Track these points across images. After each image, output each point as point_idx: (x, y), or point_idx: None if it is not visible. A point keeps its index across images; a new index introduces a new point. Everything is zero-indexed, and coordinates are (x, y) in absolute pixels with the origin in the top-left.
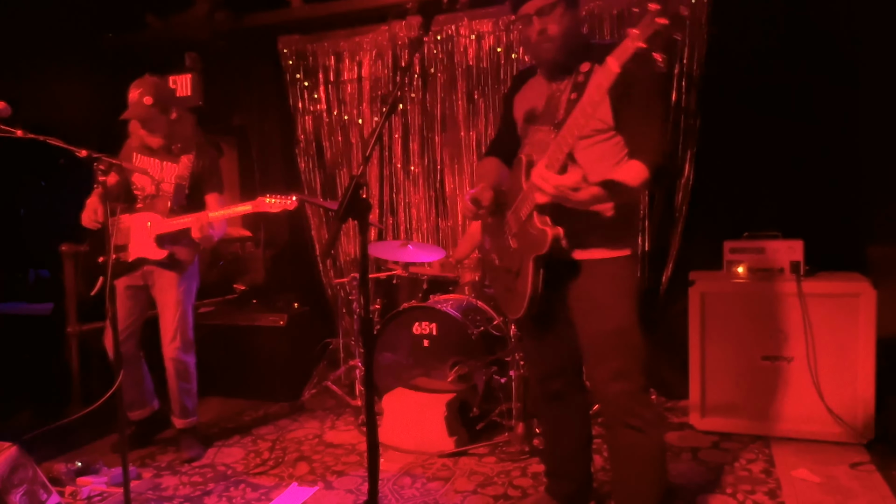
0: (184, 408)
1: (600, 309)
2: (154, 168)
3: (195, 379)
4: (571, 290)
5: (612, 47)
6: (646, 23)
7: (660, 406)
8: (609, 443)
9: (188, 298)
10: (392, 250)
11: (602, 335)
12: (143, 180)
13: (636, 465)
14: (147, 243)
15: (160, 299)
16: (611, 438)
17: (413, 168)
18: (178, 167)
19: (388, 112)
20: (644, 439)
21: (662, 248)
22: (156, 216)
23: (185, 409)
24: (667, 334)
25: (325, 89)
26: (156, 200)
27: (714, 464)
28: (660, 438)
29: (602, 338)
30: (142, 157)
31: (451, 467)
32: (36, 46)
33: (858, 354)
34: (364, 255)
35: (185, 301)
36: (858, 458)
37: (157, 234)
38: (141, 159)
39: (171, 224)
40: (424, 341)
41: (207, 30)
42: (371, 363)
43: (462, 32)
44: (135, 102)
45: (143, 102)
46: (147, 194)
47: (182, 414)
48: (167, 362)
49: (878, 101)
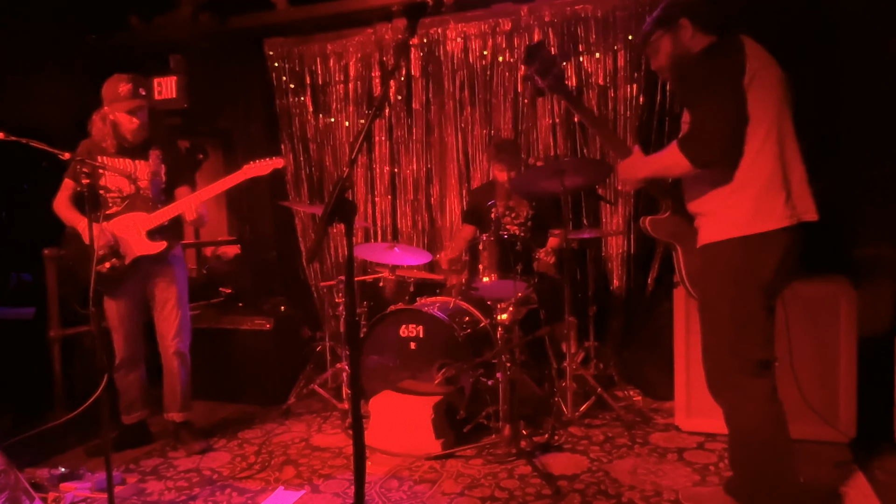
0: (185, 401)
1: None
2: (128, 167)
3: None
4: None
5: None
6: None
7: (645, 407)
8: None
9: (187, 290)
10: (378, 253)
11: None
12: (119, 182)
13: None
14: (140, 242)
15: (161, 296)
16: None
17: (399, 170)
18: (149, 164)
19: (373, 114)
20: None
21: (648, 250)
22: (140, 215)
23: (186, 401)
24: (652, 335)
25: (311, 92)
26: (135, 199)
27: (700, 464)
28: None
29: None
30: (111, 159)
31: (438, 470)
32: (18, 48)
33: (840, 355)
34: (350, 258)
35: (185, 294)
36: (841, 457)
37: (147, 230)
38: (111, 162)
39: (160, 216)
40: (411, 344)
41: (192, 32)
42: (357, 366)
43: (449, 35)
44: (131, 93)
45: (139, 93)
46: (126, 195)
47: (184, 407)
48: (171, 357)
49: (862, 103)
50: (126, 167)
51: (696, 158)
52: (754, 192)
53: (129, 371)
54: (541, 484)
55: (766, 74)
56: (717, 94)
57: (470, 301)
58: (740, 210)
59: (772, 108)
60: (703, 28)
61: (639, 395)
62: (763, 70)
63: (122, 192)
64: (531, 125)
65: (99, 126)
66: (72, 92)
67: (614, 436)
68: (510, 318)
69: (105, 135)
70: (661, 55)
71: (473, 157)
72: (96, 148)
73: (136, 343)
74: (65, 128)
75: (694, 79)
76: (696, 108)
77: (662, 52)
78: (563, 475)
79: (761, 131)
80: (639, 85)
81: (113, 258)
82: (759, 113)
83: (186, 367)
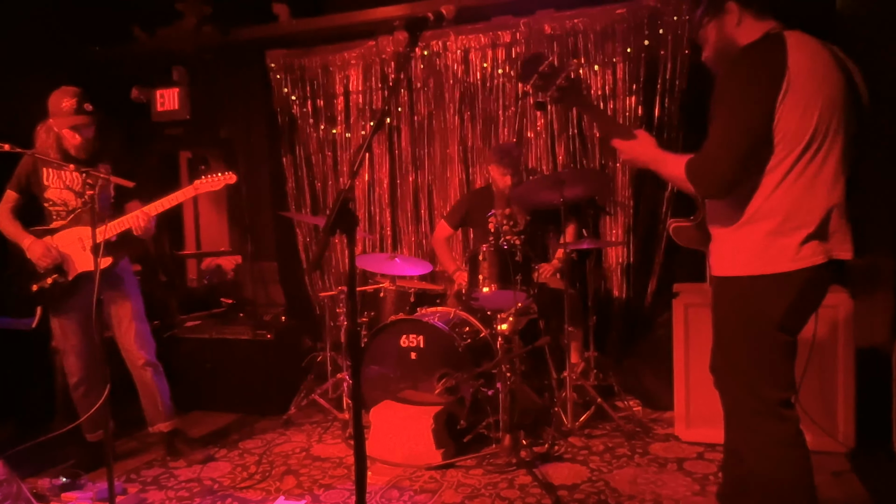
0: (168, 408)
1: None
2: (75, 181)
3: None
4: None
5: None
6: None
7: (645, 417)
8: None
9: (141, 303)
10: (379, 263)
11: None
12: (65, 195)
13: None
14: (84, 257)
15: (117, 312)
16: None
17: (400, 181)
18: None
19: (375, 126)
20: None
21: (647, 261)
22: (85, 229)
23: (169, 408)
24: (651, 346)
25: (312, 103)
26: (81, 213)
27: (700, 474)
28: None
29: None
30: (56, 171)
31: (438, 480)
32: (23, 59)
33: (839, 365)
34: (352, 268)
35: (140, 306)
36: (839, 466)
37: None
38: (57, 174)
39: (109, 230)
40: (412, 354)
41: (195, 43)
42: (359, 376)
43: (449, 48)
44: (74, 109)
45: (84, 109)
46: (72, 208)
47: (168, 416)
48: (141, 370)
49: None
50: (72, 180)
51: (700, 187)
52: (768, 228)
53: (90, 391)
54: (541, 494)
55: (813, 89)
56: (735, 110)
57: (470, 311)
58: (747, 244)
59: (808, 129)
60: (757, 12)
61: (638, 405)
62: (810, 82)
63: (68, 206)
64: (531, 136)
65: (42, 138)
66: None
67: (614, 446)
68: (510, 328)
69: (48, 147)
70: (708, 45)
71: (473, 167)
72: (54, 157)
73: (92, 361)
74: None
75: (719, 86)
76: (713, 125)
77: (709, 41)
78: (563, 485)
79: (790, 157)
80: (637, 97)
81: (55, 273)
82: (793, 138)
83: (160, 375)
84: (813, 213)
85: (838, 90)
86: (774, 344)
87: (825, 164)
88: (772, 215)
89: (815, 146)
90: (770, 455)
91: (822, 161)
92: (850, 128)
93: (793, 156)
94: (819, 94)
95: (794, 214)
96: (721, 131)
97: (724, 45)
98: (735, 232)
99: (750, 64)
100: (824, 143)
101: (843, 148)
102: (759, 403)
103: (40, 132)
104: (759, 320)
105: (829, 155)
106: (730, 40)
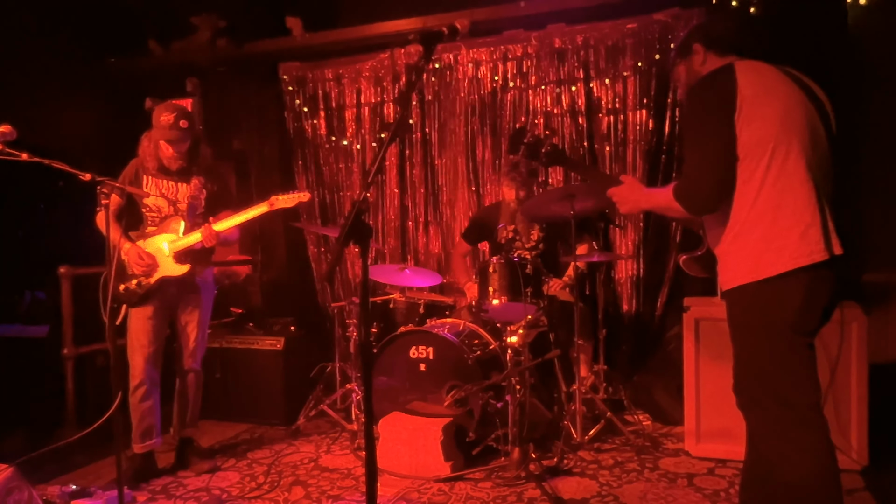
0: (194, 416)
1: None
2: (170, 190)
3: None
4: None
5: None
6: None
7: (655, 431)
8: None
9: (209, 315)
10: (389, 274)
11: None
12: (159, 203)
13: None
14: (167, 263)
15: (185, 317)
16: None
17: (411, 193)
18: (189, 188)
19: (389, 139)
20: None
21: (657, 274)
22: (171, 236)
23: (195, 417)
24: (662, 360)
25: (324, 115)
26: (169, 221)
27: (710, 490)
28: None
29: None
30: (155, 179)
31: (447, 492)
32: (40, 70)
33: (852, 381)
34: (365, 279)
35: (208, 317)
36: (853, 484)
37: (174, 252)
38: (154, 181)
39: (185, 241)
40: (421, 365)
41: (209, 56)
42: (370, 387)
43: (461, 61)
44: (170, 125)
45: (179, 126)
46: (164, 215)
47: (192, 422)
48: (187, 375)
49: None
50: (167, 189)
51: (689, 207)
52: (760, 233)
53: (148, 396)
54: None
55: (766, 101)
56: (701, 136)
57: (480, 323)
58: (745, 253)
59: (770, 140)
60: (718, 51)
61: (648, 419)
62: (761, 97)
63: (161, 213)
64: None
65: (144, 145)
66: (92, 113)
67: (624, 460)
68: (520, 340)
69: (148, 155)
70: (680, 84)
71: (483, 180)
72: (142, 167)
73: (156, 366)
74: (84, 148)
75: (683, 116)
76: (686, 150)
77: (681, 80)
78: (572, 499)
79: (761, 164)
80: (648, 111)
81: (141, 275)
82: (757, 148)
83: (200, 385)
84: (799, 211)
85: (793, 99)
86: (793, 346)
87: (798, 166)
88: (760, 221)
89: (783, 150)
90: (803, 463)
91: (795, 163)
92: (815, 134)
93: (763, 163)
94: (774, 102)
95: (780, 216)
96: (696, 155)
97: (693, 83)
98: (732, 244)
99: (704, 91)
100: (791, 147)
101: (809, 150)
102: (788, 411)
103: (143, 140)
104: (774, 324)
105: (800, 157)
106: (698, 77)
